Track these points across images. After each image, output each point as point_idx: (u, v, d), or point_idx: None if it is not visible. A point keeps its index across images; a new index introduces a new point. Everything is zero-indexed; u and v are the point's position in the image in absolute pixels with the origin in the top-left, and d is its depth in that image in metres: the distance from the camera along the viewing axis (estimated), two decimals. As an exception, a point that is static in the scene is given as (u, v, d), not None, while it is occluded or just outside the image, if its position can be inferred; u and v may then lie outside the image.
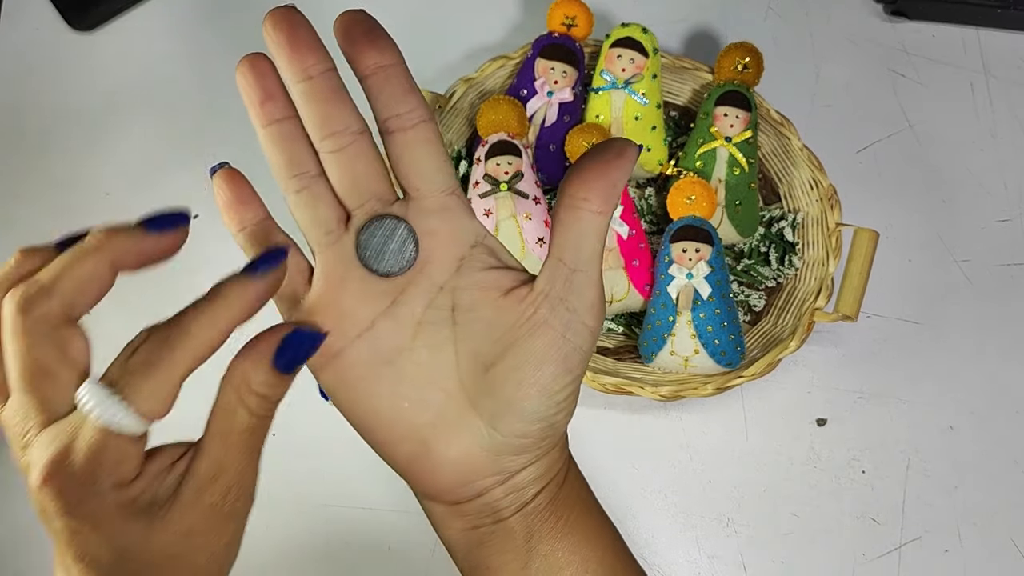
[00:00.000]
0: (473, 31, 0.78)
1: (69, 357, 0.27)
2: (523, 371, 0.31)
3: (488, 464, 0.32)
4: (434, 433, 0.32)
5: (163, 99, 0.75)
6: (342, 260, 0.32)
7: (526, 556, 0.33)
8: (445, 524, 0.35)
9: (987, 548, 0.65)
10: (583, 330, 0.31)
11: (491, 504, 0.33)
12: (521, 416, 0.31)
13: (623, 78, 0.67)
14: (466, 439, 0.32)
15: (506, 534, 0.33)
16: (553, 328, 0.31)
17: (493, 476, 0.32)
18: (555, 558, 0.33)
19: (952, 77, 0.79)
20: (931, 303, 0.71)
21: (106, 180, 0.72)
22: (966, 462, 0.67)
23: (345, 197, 0.32)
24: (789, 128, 0.69)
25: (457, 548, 0.35)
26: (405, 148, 0.31)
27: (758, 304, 0.69)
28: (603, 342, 0.68)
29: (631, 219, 0.64)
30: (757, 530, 0.65)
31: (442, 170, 0.31)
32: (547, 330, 0.31)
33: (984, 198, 0.75)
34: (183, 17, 0.78)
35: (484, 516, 0.33)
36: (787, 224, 0.69)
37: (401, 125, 0.31)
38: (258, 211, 0.34)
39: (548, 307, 0.31)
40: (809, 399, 0.68)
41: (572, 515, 0.34)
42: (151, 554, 0.28)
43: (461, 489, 0.33)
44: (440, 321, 0.32)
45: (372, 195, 0.32)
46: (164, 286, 0.70)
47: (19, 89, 0.75)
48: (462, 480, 0.33)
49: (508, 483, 0.33)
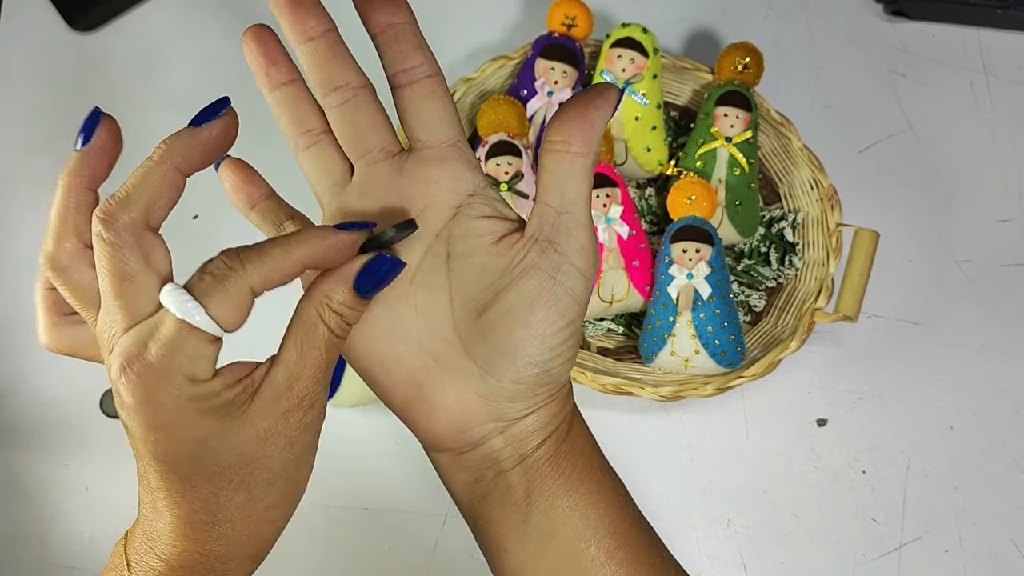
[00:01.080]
0: (473, 31, 0.78)
1: (151, 264, 0.29)
2: (515, 315, 0.31)
3: (484, 410, 0.32)
4: (429, 377, 0.32)
5: (163, 99, 0.75)
6: (346, 211, 0.33)
7: (526, 510, 0.33)
8: (450, 477, 0.35)
9: (987, 548, 0.65)
10: (573, 271, 0.31)
11: (491, 455, 0.33)
12: (514, 360, 0.31)
13: (623, 78, 0.67)
14: (461, 384, 0.32)
15: (506, 487, 0.33)
16: (543, 270, 0.31)
17: (490, 423, 0.32)
18: (554, 514, 0.33)
19: (952, 77, 0.79)
20: (931, 303, 0.71)
21: (106, 180, 0.72)
22: (966, 462, 0.67)
23: (349, 149, 0.33)
24: (789, 128, 0.69)
25: (462, 502, 0.35)
26: (411, 101, 0.33)
27: (758, 304, 0.69)
28: (603, 342, 0.68)
29: (631, 219, 0.64)
30: (757, 530, 0.65)
31: (445, 121, 0.33)
32: (537, 272, 0.31)
33: (984, 198, 0.75)
34: (183, 17, 0.78)
35: (485, 469, 0.33)
36: (787, 224, 0.69)
37: (409, 79, 0.33)
38: (263, 187, 0.38)
39: (538, 250, 0.31)
40: (809, 399, 0.68)
41: (575, 472, 0.34)
42: (226, 454, 0.29)
43: (460, 435, 0.33)
44: (436, 268, 0.33)
45: (375, 145, 0.33)
46: (164, 286, 0.70)
47: (19, 89, 0.75)
48: (459, 426, 0.33)
49: (507, 432, 0.33)
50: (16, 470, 0.65)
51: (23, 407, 0.66)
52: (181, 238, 0.74)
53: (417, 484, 0.65)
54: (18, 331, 0.68)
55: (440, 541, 0.64)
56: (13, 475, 0.65)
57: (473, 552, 0.65)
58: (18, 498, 0.64)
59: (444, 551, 0.64)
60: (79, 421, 0.66)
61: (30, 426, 0.66)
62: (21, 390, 0.67)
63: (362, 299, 0.31)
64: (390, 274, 0.31)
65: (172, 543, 0.31)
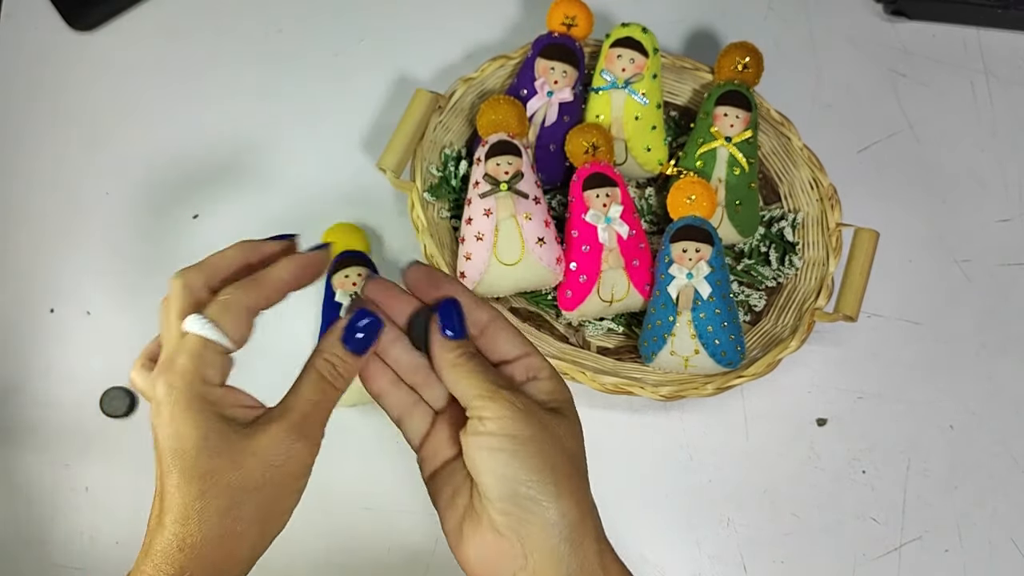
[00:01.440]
0: (473, 31, 0.78)
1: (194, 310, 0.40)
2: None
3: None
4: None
5: (163, 99, 0.75)
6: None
7: None
8: None
9: (987, 548, 0.65)
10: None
11: None
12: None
13: (623, 78, 0.67)
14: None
15: None
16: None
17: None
18: None
19: (952, 77, 0.79)
20: (931, 303, 0.71)
21: (106, 180, 0.72)
22: (966, 462, 0.67)
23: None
24: (789, 128, 0.69)
25: None
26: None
27: (758, 304, 0.69)
28: (603, 342, 0.68)
29: (631, 219, 0.64)
30: (757, 530, 0.65)
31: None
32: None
33: (984, 198, 0.75)
34: (183, 17, 0.78)
35: None
36: (787, 224, 0.69)
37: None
38: (388, 376, 0.44)
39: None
40: (809, 399, 0.68)
41: None
42: (219, 453, 0.37)
43: None
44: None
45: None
46: (165, 287, 0.70)
47: (19, 88, 0.75)
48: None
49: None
50: (16, 470, 0.65)
51: (24, 408, 0.66)
52: (181, 237, 0.75)
53: (417, 484, 0.65)
54: (19, 332, 0.68)
55: (440, 541, 0.64)
56: (13, 475, 0.65)
57: (473, 552, 0.65)
58: (18, 498, 0.64)
59: (444, 551, 0.64)
60: (79, 422, 0.66)
61: (30, 427, 0.66)
62: (22, 390, 0.67)
63: (351, 352, 0.40)
64: (371, 330, 0.40)
65: (165, 543, 0.37)
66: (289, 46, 0.77)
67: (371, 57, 0.77)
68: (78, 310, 0.69)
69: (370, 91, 0.76)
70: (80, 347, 0.68)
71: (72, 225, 0.71)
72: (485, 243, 0.63)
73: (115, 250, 0.70)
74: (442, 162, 0.69)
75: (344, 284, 0.65)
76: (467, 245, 0.63)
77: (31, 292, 0.69)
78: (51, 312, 0.69)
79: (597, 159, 0.65)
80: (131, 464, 0.65)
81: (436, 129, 0.68)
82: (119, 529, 0.64)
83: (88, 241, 0.70)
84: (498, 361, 0.43)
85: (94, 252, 0.70)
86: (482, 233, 0.63)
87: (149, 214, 0.71)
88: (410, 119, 0.66)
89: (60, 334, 0.68)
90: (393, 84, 0.76)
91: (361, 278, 0.65)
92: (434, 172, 0.68)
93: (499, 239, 0.62)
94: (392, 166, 0.64)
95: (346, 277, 0.66)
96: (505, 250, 0.62)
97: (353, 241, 0.68)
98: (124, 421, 0.66)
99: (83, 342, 0.68)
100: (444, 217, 0.68)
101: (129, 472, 0.65)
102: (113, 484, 0.65)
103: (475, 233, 0.63)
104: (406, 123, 0.66)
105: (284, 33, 0.77)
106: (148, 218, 0.71)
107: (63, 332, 0.68)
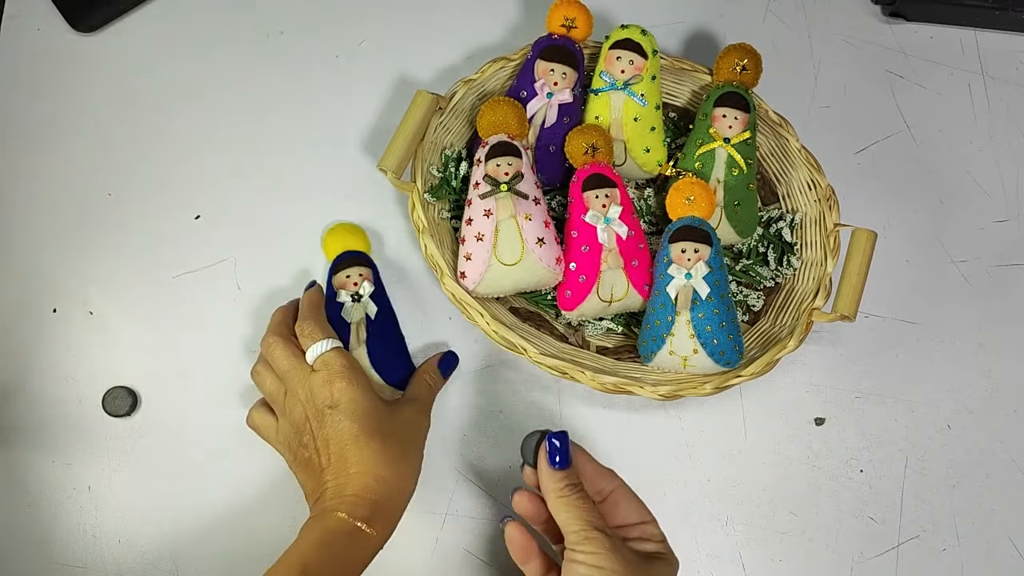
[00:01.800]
0: (473, 32, 0.78)
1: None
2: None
3: None
4: None
5: (164, 100, 0.75)
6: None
7: None
8: None
9: (985, 546, 0.66)
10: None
11: None
12: None
13: (622, 79, 0.67)
14: None
15: None
16: None
17: None
18: None
19: (950, 78, 0.79)
20: (929, 303, 0.72)
21: (108, 180, 0.72)
22: (963, 461, 0.68)
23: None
24: (787, 129, 0.70)
25: None
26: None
27: (757, 304, 0.69)
28: (602, 342, 0.68)
29: (630, 219, 0.65)
30: (756, 529, 0.66)
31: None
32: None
33: (982, 199, 0.75)
34: (184, 20, 0.78)
35: None
36: (785, 224, 0.69)
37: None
38: (535, 548, 0.55)
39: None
40: (807, 398, 0.69)
41: None
42: (388, 422, 0.59)
43: None
44: None
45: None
46: (166, 287, 0.70)
47: (21, 89, 0.75)
48: None
49: None
50: (19, 469, 0.65)
51: (26, 407, 0.67)
52: (183, 237, 0.75)
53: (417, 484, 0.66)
54: (21, 332, 0.68)
55: (440, 540, 0.65)
56: (16, 474, 0.65)
57: (472, 550, 0.65)
58: (21, 497, 0.65)
59: (443, 550, 0.65)
60: (81, 421, 0.66)
61: (33, 425, 0.66)
62: (24, 390, 0.67)
63: (441, 374, 0.66)
64: (452, 363, 0.67)
65: (359, 484, 0.55)
66: (290, 48, 0.77)
67: (372, 59, 0.77)
68: (80, 310, 0.69)
69: (371, 92, 0.76)
70: (82, 347, 0.68)
71: (75, 225, 0.71)
72: (485, 243, 0.63)
73: (118, 250, 0.71)
74: (442, 163, 0.69)
75: (345, 284, 0.66)
76: (467, 245, 0.64)
77: (33, 292, 0.70)
78: (53, 312, 0.69)
79: (596, 160, 0.65)
80: (133, 463, 0.66)
81: (436, 130, 0.69)
82: (121, 528, 0.65)
83: (91, 241, 0.71)
84: (618, 525, 0.53)
85: (97, 252, 0.71)
86: (482, 233, 0.63)
87: (151, 214, 0.72)
88: (411, 120, 0.66)
89: (62, 334, 0.68)
90: (394, 85, 0.76)
91: (363, 278, 0.66)
92: (435, 173, 0.68)
93: (499, 239, 0.63)
94: (393, 167, 0.65)
95: (347, 277, 0.66)
96: (505, 250, 0.63)
97: (353, 241, 0.69)
98: (126, 420, 0.66)
99: (85, 342, 0.68)
100: (444, 218, 0.69)
101: (131, 471, 0.65)
102: (115, 483, 0.65)
103: (475, 233, 0.63)
104: (407, 124, 0.66)
105: (285, 35, 0.78)
106: (150, 218, 0.71)
107: (65, 332, 0.68)
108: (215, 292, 0.70)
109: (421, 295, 0.70)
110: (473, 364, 0.68)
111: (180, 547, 0.64)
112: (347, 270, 0.66)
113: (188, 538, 0.64)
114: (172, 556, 0.64)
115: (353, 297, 0.65)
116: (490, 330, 0.63)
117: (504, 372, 0.68)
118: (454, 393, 0.68)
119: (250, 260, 0.71)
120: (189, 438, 0.66)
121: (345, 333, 0.64)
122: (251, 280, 0.70)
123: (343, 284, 0.66)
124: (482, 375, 0.68)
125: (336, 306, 0.65)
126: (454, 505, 0.65)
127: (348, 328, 0.64)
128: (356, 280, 0.66)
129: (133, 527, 0.64)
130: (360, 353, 0.64)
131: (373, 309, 0.65)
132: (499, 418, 0.67)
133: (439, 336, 0.69)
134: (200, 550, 0.64)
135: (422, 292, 0.70)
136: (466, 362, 0.68)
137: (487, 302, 0.65)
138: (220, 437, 0.65)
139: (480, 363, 0.69)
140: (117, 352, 0.68)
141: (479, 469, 0.66)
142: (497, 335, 0.63)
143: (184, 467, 0.65)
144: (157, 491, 0.65)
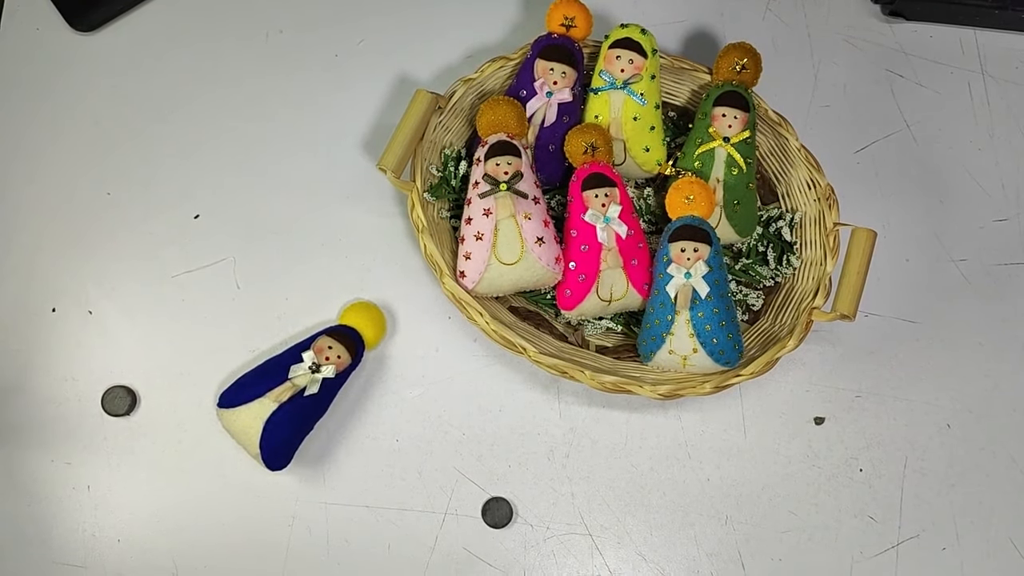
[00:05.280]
0: (473, 32, 0.78)
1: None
2: None
3: None
4: None
5: (163, 99, 0.75)
6: None
7: None
8: None
9: (984, 546, 0.66)
10: None
11: None
12: None
13: (622, 78, 0.67)
14: None
15: None
16: None
17: None
18: None
19: (950, 77, 0.79)
20: (929, 302, 0.72)
21: (107, 180, 0.72)
22: (963, 460, 0.68)
23: None
24: (787, 128, 0.70)
25: None
26: None
27: (756, 303, 0.69)
28: (602, 341, 0.68)
29: (630, 219, 0.65)
30: (755, 528, 0.66)
31: None
32: None
33: (981, 198, 0.75)
34: (182, 19, 0.78)
35: None
36: (785, 224, 0.69)
37: None
38: None
39: None
40: (807, 398, 0.69)
41: None
42: None
43: None
44: None
45: None
46: (166, 286, 0.70)
47: (20, 88, 0.75)
48: None
49: None
50: (18, 468, 0.65)
51: (25, 406, 0.67)
52: (183, 237, 0.75)
53: (416, 483, 0.66)
54: (20, 331, 0.68)
55: (439, 539, 0.65)
56: (15, 473, 0.65)
57: (471, 549, 0.65)
58: (20, 496, 0.65)
59: (443, 549, 0.65)
60: (81, 420, 0.66)
61: (32, 425, 0.66)
62: (23, 389, 0.67)
63: None
64: None
65: None
66: (290, 47, 0.77)
67: (371, 58, 0.77)
68: (80, 309, 0.69)
69: (370, 92, 0.76)
70: (82, 346, 0.68)
71: (74, 225, 0.71)
72: (485, 243, 0.63)
73: (117, 249, 0.71)
74: (442, 162, 0.69)
75: (320, 350, 0.64)
76: (467, 245, 0.64)
77: (33, 291, 0.70)
78: (53, 311, 0.69)
79: (596, 159, 0.65)
80: (132, 462, 0.66)
81: (436, 129, 0.69)
82: (120, 527, 0.65)
83: (90, 241, 0.71)
84: None
85: (96, 252, 0.70)
86: (482, 233, 0.63)
87: (150, 214, 0.72)
88: (410, 119, 0.66)
89: (62, 333, 0.68)
90: (393, 85, 0.76)
91: (339, 361, 0.63)
92: (434, 172, 0.68)
93: (499, 239, 0.63)
94: (392, 166, 0.65)
95: (330, 348, 0.64)
96: (505, 250, 0.63)
97: (369, 328, 0.67)
98: (125, 420, 0.66)
99: (85, 341, 0.68)
100: (444, 217, 0.69)
101: (130, 470, 0.65)
102: (114, 482, 0.65)
103: (475, 233, 0.63)
104: (406, 123, 0.66)
105: (284, 34, 0.78)
106: (149, 218, 0.71)
107: (65, 331, 0.68)
108: (214, 291, 0.69)
109: (420, 295, 0.70)
110: (472, 364, 0.68)
111: (179, 546, 0.64)
112: (333, 343, 0.64)
113: (187, 537, 0.64)
114: (171, 555, 0.64)
115: (312, 367, 0.63)
116: (489, 329, 0.63)
117: (503, 371, 0.68)
118: (454, 392, 0.68)
119: (249, 259, 0.71)
120: (188, 437, 0.66)
121: (277, 381, 0.62)
122: (250, 279, 0.70)
123: (319, 349, 0.63)
124: (481, 374, 0.68)
125: (295, 357, 0.63)
126: (454, 505, 0.65)
127: (283, 381, 0.62)
128: (329, 357, 0.63)
129: (132, 526, 0.64)
130: (266, 407, 0.61)
131: (314, 389, 0.62)
132: (499, 417, 0.67)
133: (439, 336, 0.69)
134: (199, 549, 0.64)
135: (421, 291, 0.70)
136: (466, 362, 0.68)
137: (486, 301, 0.65)
138: (219, 437, 0.65)
139: (479, 363, 0.68)
140: (116, 351, 0.68)
141: (479, 469, 0.66)
142: (496, 334, 0.63)
143: (183, 466, 0.65)
144: (156, 490, 0.65)
